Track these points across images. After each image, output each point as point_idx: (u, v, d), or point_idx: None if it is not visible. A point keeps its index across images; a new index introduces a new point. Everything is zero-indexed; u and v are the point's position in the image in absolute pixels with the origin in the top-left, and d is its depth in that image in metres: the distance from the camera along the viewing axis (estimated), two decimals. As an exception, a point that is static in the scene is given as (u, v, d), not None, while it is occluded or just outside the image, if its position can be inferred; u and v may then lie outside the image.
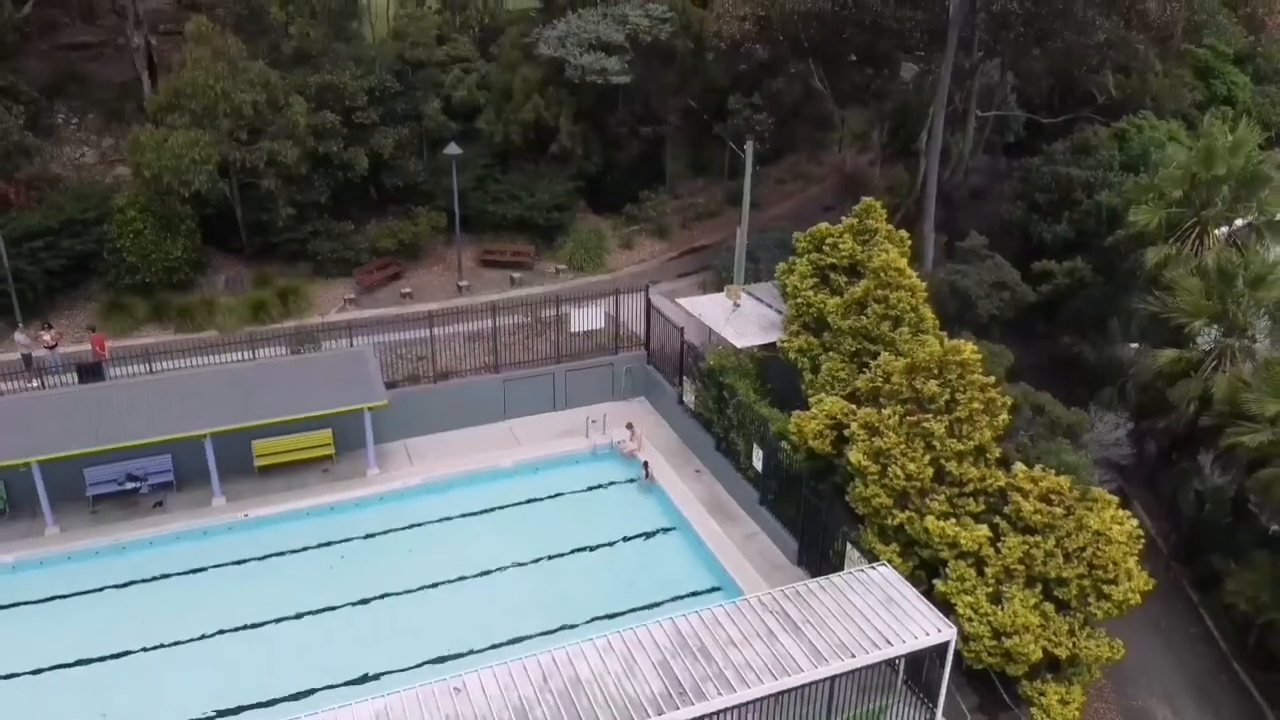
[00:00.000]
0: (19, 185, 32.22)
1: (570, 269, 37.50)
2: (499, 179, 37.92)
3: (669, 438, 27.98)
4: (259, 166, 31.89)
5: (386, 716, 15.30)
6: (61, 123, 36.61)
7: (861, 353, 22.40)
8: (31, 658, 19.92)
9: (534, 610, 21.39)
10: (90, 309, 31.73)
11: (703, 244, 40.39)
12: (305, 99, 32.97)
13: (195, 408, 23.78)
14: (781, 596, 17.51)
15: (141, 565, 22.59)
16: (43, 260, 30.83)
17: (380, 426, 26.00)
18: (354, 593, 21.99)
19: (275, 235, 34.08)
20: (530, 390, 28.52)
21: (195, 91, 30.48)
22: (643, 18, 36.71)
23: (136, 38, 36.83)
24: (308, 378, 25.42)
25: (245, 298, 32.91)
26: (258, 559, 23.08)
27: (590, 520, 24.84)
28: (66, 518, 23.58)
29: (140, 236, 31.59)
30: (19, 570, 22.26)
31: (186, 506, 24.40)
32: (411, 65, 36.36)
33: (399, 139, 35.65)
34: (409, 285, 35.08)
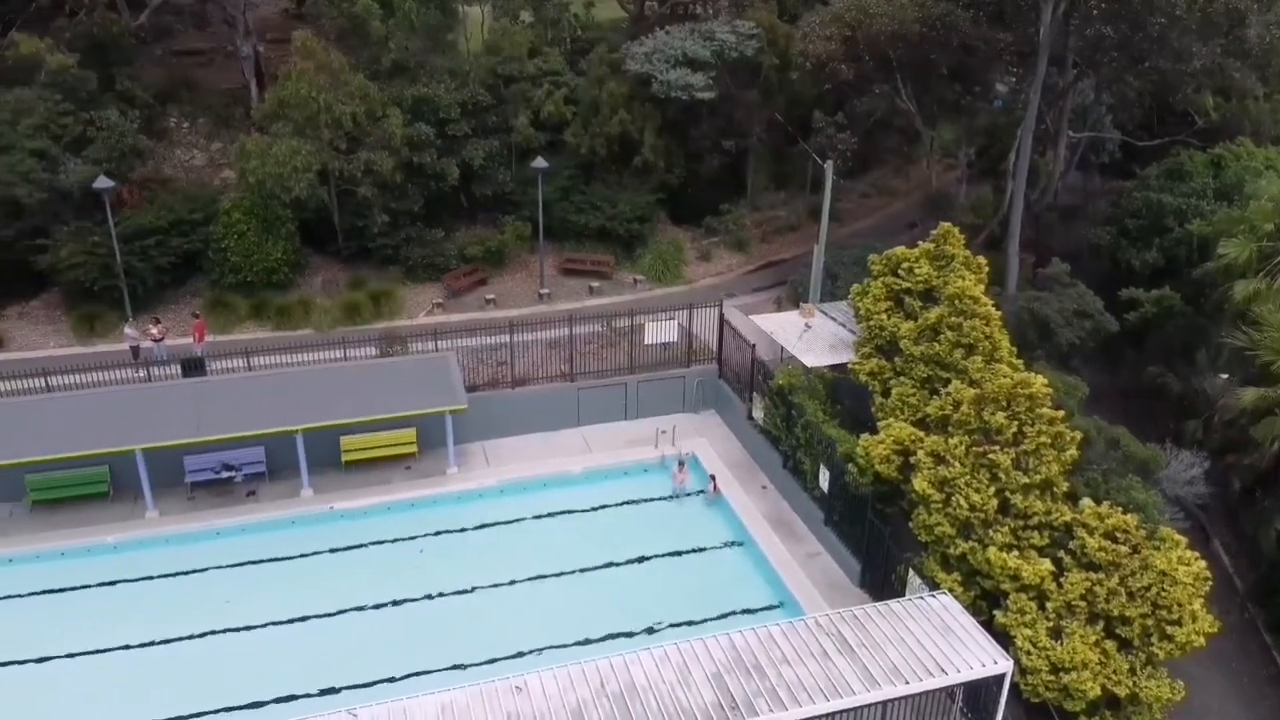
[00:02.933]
0: (133, 186, 34.27)
1: (648, 280, 38.13)
2: (583, 190, 38.80)
3: (737, 453, 28.36)
4: (357, 175, 33.35)
5: (451, 711, 16.11)
6: (174, 126, 38.77)
7: (933, 379, 22.45)
8: (124, 634, 21.33)
9: (595, 616, 22.00)
10: (195, 305, 33.59)
11: (781, 258, 40.58)
12: (401, 111, 34.33)
13: (289, 404, 25.15)
14: (838, 619, 17.79)
15: (233, 551, 23.99)
16: (153, 257, 32.78)
17: (460, 428, 27.06)
18: (428, 588, 22.99)
19: (370, 240, 35.55)
20: (603, 399, 29.23)
21: (298, 102, 32.08)
22: (729, 35, 37.16)
23: (245, 47, 38.77)
24: (395, 379, 26.63)
25: (340, 299, 34.40)
26: (340, 550, 24.28)
27: (655, 530, 25.37)
28: (165, 503, 25.18)
29: (244, 238, 33.36)
30: (119, 550, 23.90)
31: (277, 497, 25.81)
32: (503, 79, 37.48)
33: (489, 151, 36.82)
34: (493, 292, 36.21)
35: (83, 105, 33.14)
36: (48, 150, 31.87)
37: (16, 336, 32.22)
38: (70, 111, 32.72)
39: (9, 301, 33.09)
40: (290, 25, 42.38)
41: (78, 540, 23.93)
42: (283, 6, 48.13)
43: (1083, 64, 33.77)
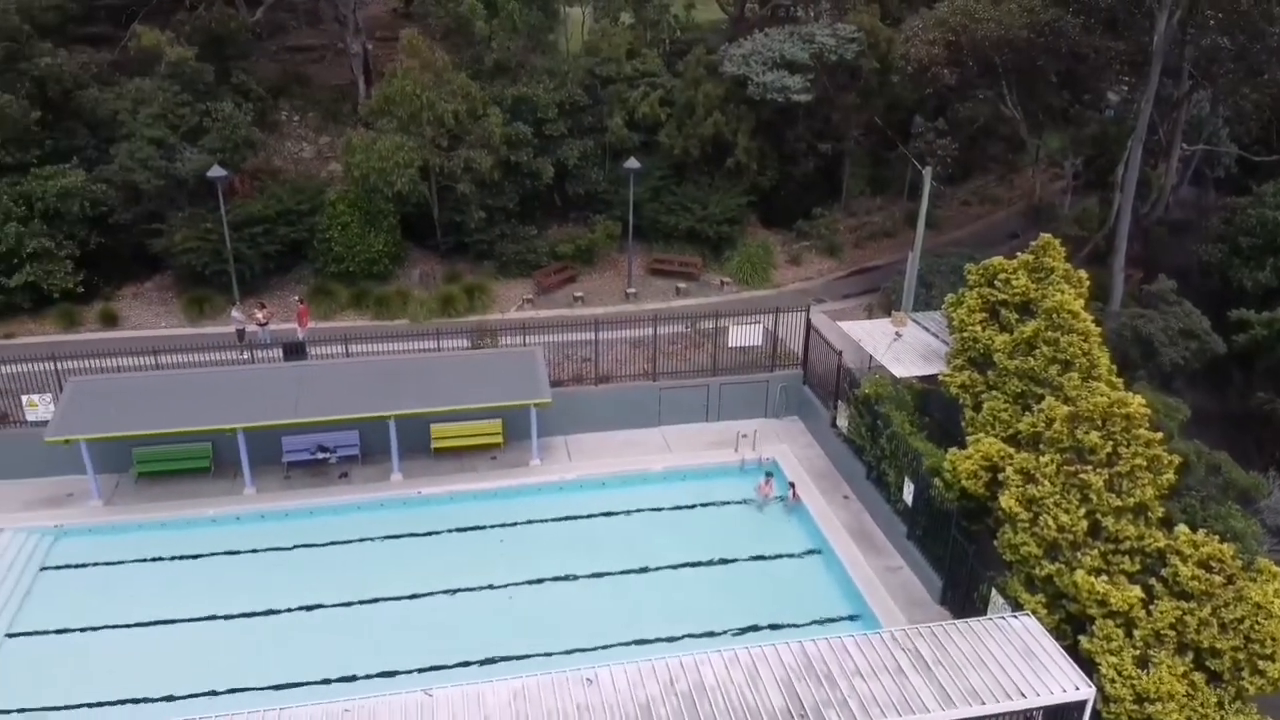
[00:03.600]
0: (245, 176, 35.82)
1: (735, 282, 38.07)
2: (674, 190, 38.97)
3: (819, 461, 28.10)
4: (456, 172, 34.21)
5: (523, 697, 16.42)
6: (285, 120, 40.38)
7: (1026, 395, 21.85)
8: (215, 605, 22.30)
9: (667, 615, 22.11)
10: (299, 292, 34.93)
11: (874, 264, 40.05)
12: (501, 110, 35.05)
13: (383, 390, 25.97)
14: (915, 634, 17.50)
15: (324, 530, 24.91)
16: (260, 245, 34.22)
17: (545, 421, 27.52)
18: (507, 576, 23.44)
19: (467, 235, 36.42)
20: (685, 399, 29.33)
21: (403, 99, 33.07)
22: (830, 37, 36.82)
23: (355, 44, 40.10)
24: (484, 371, 27.23)
25: (436, 292, 35.36)
26: (426, 534, 24.96)
27: (732, 533, 25.34)
28: (263, 480, 26.27)
29: (347, 229, 34.56)
30: (218, 524, 25.03)
31: (368, 479, 26.68)
32: (600, 80, 37.92)
33: (583, 150, 37.32)
34: (582, 289, 36.67)
35: (200, 97, 34.78)
36: (166, 139, 33.54)
37: (130, 316, 34.03)
38: (188, 102, 34.36)
39: (125, 282, 34.98)
40: (399, 24, 43.69)
41: (179, 512, 25.18)
42: (392, 5, 49.60)
43: (1198, 75, 32.39)
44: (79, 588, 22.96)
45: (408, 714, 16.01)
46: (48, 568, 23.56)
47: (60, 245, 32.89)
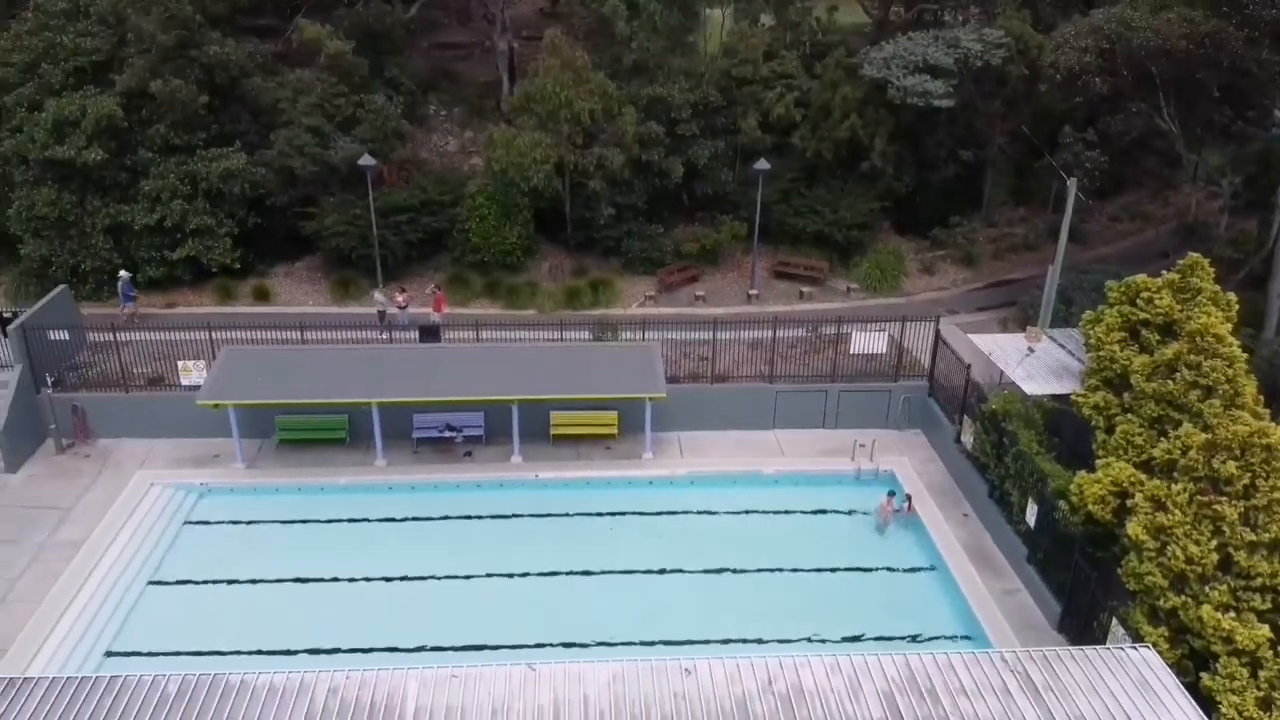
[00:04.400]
0: (393, 166, 37.53)
1: (863, 288, 37.50)
2: (804, 193, 38.66)
3: (940, 476, 27.47)
4: (589, 169, 34.96)
5: (621, 680, 16.72)
6: (432, 114, 42.05)
7: (1163, 419, 20.79)
8: (340, 568, 23.60)
9: (769, 617, 22.12)
10: (437, 279, 36.37)
11: (1012, 277, 38.78)
12: (636, 109, 35.59)
13: (509, 376, 26.92)
14: (1026, 657, 16.94)
15: (447, 505, 25.96)
16: (404, 232, 35.82)
17: (659, 416, 27.89)
18: (613, 563, 23.92)
19: (596, 231, 37.15)
20: (801, 404, 29.13)
21: (543, 97, 34.01)
22: (976, 42, 35.81)
23: (501, 42, 41.43)
24: (603, 364, 27.83)
25: (563, 284, 36.25)
26: (540, 516, 25.73)
27: (841, 542, 25.10)
28: (393, 454, 27.58)
29: (484, 221, 35.81)
30: (349, 492, 26.47)
31: (490, 460, 27.68)
32: (736, 81, 37.96)
33: (714, 151, 37.47)
34: (704, 289, 36.85)
35: (355, 89, 36.62)
36: (321, 127, 35.49)
37: (281, 293, 36.20)
38: (343, 94, 36.24)
39: (278, 261, 37.20)
40: (544, 23, 44.84)
41: (314, 479, 26.73)
42: (539, 5, 50.97)
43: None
44: (218, 543, 24.74)
45: (511, 684, 16.55)
46: (191, 522, 25.46)
47: (220, 223, 35.29)
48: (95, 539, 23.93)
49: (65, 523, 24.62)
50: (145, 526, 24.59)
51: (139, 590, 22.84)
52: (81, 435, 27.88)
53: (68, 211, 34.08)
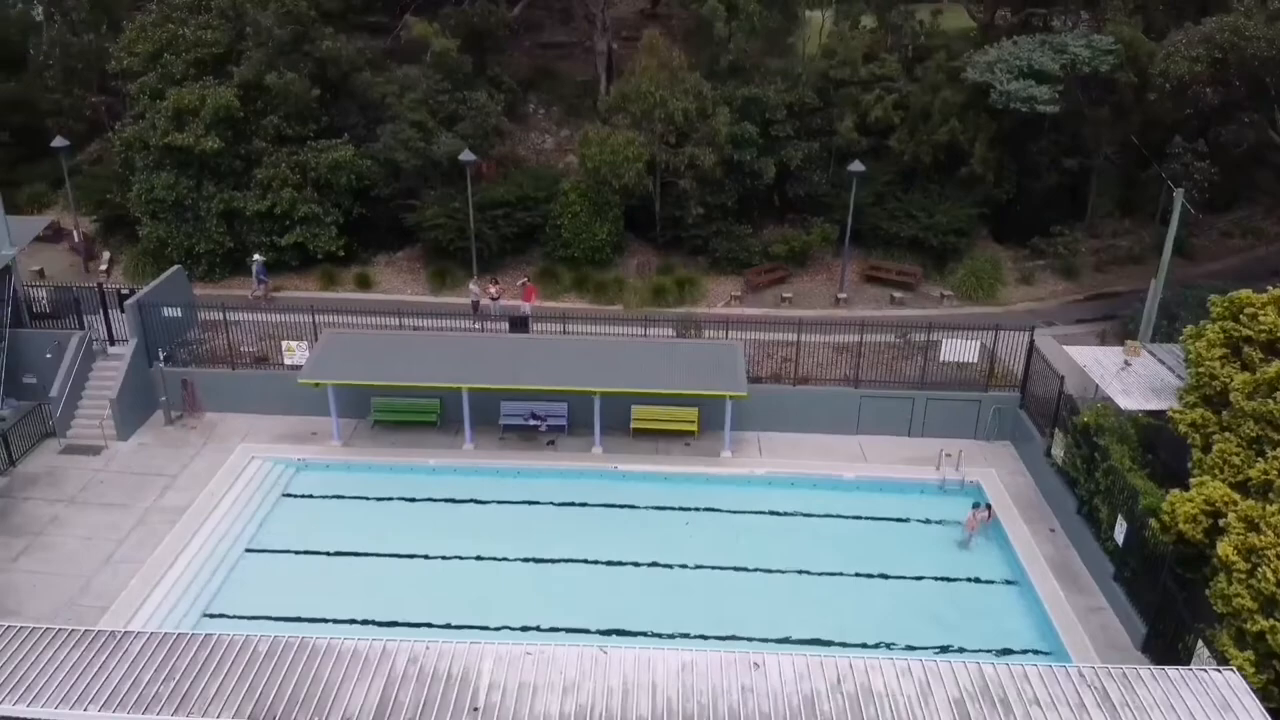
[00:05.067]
0: (491, 162, 38.48)
1: (957, 296, 36.83)
2: (900, 197, 38.17)
3: (1028, 490, 26.88)
4: (680, 168, 35.24)
5: (691, 669, 16.95)
6: (531, 112, 42.94)
7: (1262, 440, 19.94)
8: (425, 545, 24.45)
9: (841, 620, 22.08)
10: (528, 272, 37.18)
11: (1114, 290, 37.56)
12: (730, 109, 35.71)
13: (592, 368, 27.40)
14: (1105, 673, 16.53)
15: (529, 490, 26.70)
16: (499, 226, 36.71)
17: (739, 415, 28.00)
18: (687, 557, 24.20)
19: (684, 230, 37.40)
20: (886, 410, 28.84)
21: (638, 97, 34.43)
22: (1084, 48, 34.81)
23: (601, 42, 42.02)
24: (685, 360, 28.07)
25: (649, 282, 36.61)
26: (617, 506, 26.18)
27: (921, 550, 24.82)
28: (481, 439, 28.40)
29: (576, 218, 36.45)
30: (437, 473, 27.37)
31: (572, 449, 28.25)
32: (834, 83, 37.74)
33: (808, 152, 37.31)
34: (791, 290, 36.73)
35: (458, 86, 37.69)
36: (425, 123, 36.64)
37: (382, 281, 37.51)
38: (447, 90, 37.34)
39: (380, 250, 38.54)
40: (644, 24, 45.31)
41: (405, 459, 27.71)
42: (640, 6, 51.49)
43: None
44: (312, 516, 25.89)
45: (582, 665, 16.95)
46: (288, 495, 26.72)
47: (327, 212, 36.77)
48: (198, 506, 25.34)
49: (170, 489, 26.12)
50: (245, 497, 25.91)
51: (236, 557, 24.11)
52: (189, 408, 29.49)
53: (184, 196, 36.00)
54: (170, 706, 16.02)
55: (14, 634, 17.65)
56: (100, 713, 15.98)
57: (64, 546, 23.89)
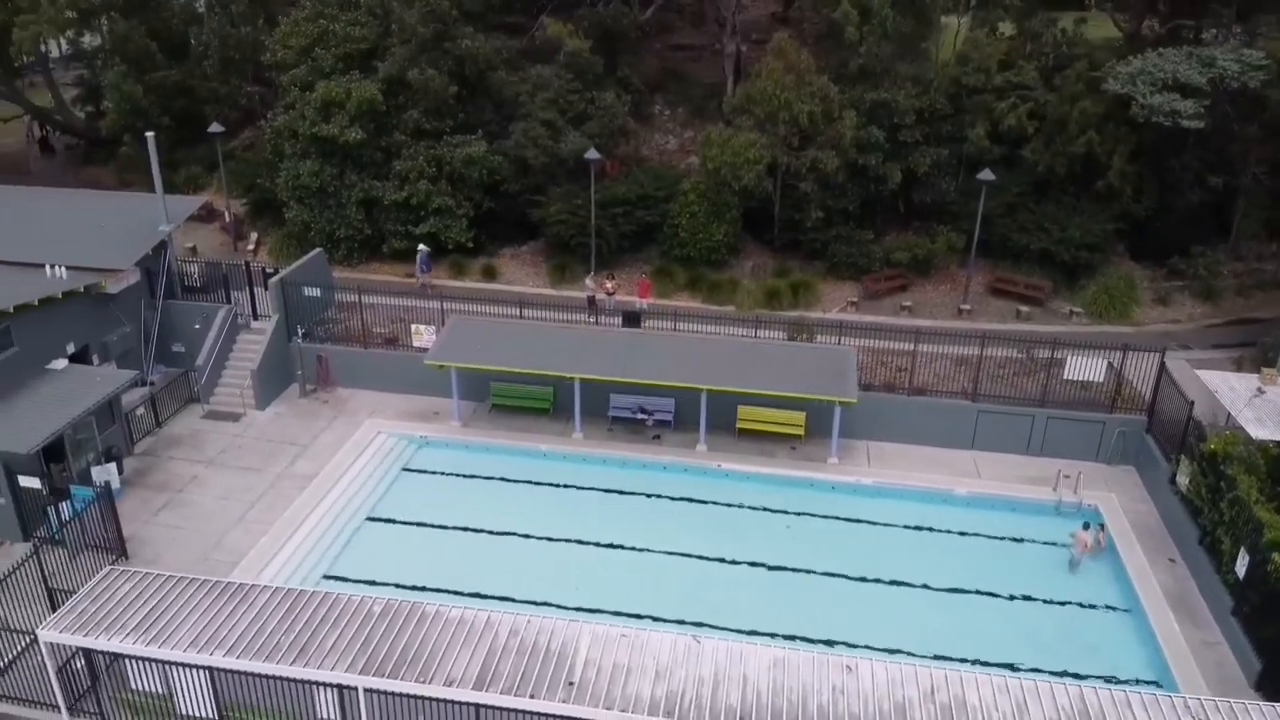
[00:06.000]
0: (615, 161, 39.25)
1: (1086, 314, 35.56)
2: (1031, 209, 37.07)
3: (1149, 517, 25.81)
4: (802, 171, 35.18)
5: (783, 666, 17.14)
6: (657, 113, 43.57)
7: None
8: (532, 526, 25.37)
9: (939, 634, 21.76)
10: (644, 270, 37.79)
11: (1257, 317, 35.58)
12: (857, 114, 35.43)
13: (701, 366, 27.75)
14: (1211, 706, 15.92)
15: (634, 481, 27.30)
16: (619, 224, 37.45)
17: (849, 422, 27.83)
18: (786, 559, 24.28)
19: (802, 233, 37.29)
20: (1004, 426, 28.16)
21: (763, 99, 34.56)
22: (1233, 62, 33.11)
23: (730, 45, 42.28)
24: (795, 363, 28.09)
25: (764, 284, 36.68)
26: (720, 504, 26.44)
27: (1030, 572, 24.18)
28: (590, 429, 29.14)
29: (694, 218, 36.86)
30: (547, 458, 28.30)
31: (677, 445, 28.65)
32: (966, 90, 36.96)
33: (936, 159, 36.66)
34: (911, 299, 36.16)
35: (588, 86, 38.62)
36: (555, 121, 37.69)
37: (506, 272, 38.80)
38: (577, 90, 38.30)
39: (506, 244, 39.85)
40: (775, 27, 45.38)
41: (518, 443, 28.74)
42: (771, 9, 51.55)
43: None
44: (429, 490, 27.13)
45: (675, 652, 17.38)
46: (408, 469, 28.06)
47: (459, 205, 38.28)
48: (325, 474, 26.90)
49: (301, 458, 27.79)
50: (369, 468, 27.38)
51: (357, 524, 25.51)
52: (323, 382, 31.29)
53: (328, 183, 38.09)
54: (290, 655, 17.23)
55: (151, 580, 19.28)
56: (226, 657, 17.32)
57: (201, 504, 25.76)
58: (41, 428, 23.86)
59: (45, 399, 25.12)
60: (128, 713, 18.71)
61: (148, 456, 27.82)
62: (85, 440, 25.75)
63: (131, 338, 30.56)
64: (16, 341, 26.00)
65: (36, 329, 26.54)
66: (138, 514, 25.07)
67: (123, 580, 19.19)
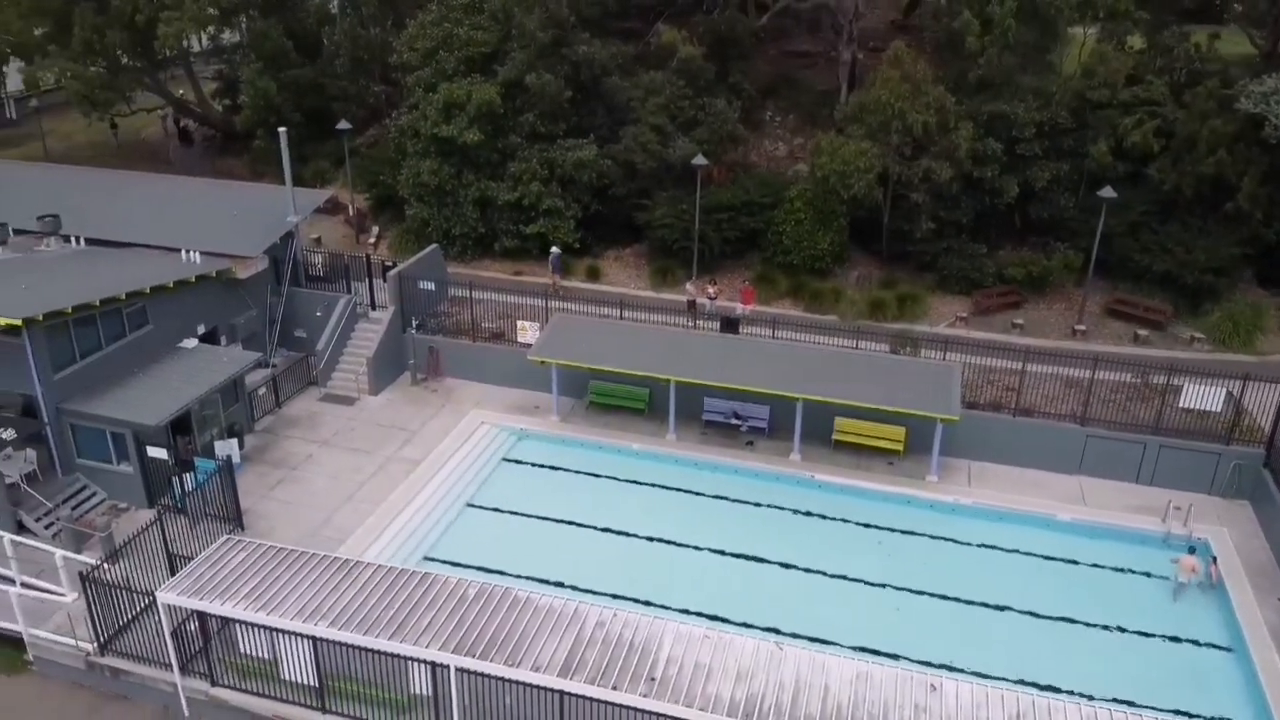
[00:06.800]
0: (722, 166, 39.41)
1: (1209, 341, 33.98)
2: (1155, 229, 35.63)
3: (1263, 554, 24.67)
4: (913, 181, 34.68)
5: (866, 680, 17.09)
6: (768, 120, 43.52)
7: None
8: (621, 522, 25.82)
9: (1030, 661, 21.29)
10: (746, 276, 37.84)
11: (1400, 352, 33.39)
12: (974, 125, 34.72)
13: (798, 374, 27.75)
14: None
15: (725, 486, 27.47)
16: (723, 229, 37.60)
17: (951, 441, 27.38)
18: (874, 575, 24.09)
19: (911, 245, 36.74)
20: (1114, 453, 27.27)
21: (876, 108, 34.21)
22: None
23: (846, 52, 41.91)
24: (897, 377, 27.79)
25: (869, 294, 36.25)
26: (810, 515, 26.40)
27: (1131, 602, 23.42)
28: (683, 431, 29.42)
29: (799, 225, 36.74)
30: (640, 458, 28.77)
31: (769, 453, 28.68)
32: (1090, 104, 35.78)
33: (1056, 174, 35.63)
34: (1023, 317, 35.20)
35: (699, 92, 38.89)
36: (664, 127, 38.11)
37: (609, 273, 39.42)
38: (688, 96, 38.63)
39: (611, 246, 40.48)
40: (893, 35, 44.68)
41: (613, 440, 29.28)
42: (890, 17, 50.81)
43: None
44: (526, 481, 27.94)
45: (757, 656, 17.52)
46: (508, 460, 28.93)
47: (568, 206, 39.11)
48: (430, 460, 27.97)
49: (409, 443, 28.95)
50: (471, 457, 28.35)
51: (458, 510, 26.46)
52: (433, 372, 32.49)
53: (446, 182, 39.42)
54: (389, 630, 18.08)
55: (264, 551, 20.46)
56: (329, 628, 18.27)
57: (314, 482, 27.11)
58: (170, 402, 25.56)
59: (175, 375, 26.88)
60: (235, 675, 19.89)
61: (267, 434, 29.41)
62: (210, 416, 27.42)
63: (257, 321, 32.36)
64: (152, 320, 27.89)
65: (171, 309, 28.39)
66: (255, 488, 26.57)
67: (238, 550, 20.42)
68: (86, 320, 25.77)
